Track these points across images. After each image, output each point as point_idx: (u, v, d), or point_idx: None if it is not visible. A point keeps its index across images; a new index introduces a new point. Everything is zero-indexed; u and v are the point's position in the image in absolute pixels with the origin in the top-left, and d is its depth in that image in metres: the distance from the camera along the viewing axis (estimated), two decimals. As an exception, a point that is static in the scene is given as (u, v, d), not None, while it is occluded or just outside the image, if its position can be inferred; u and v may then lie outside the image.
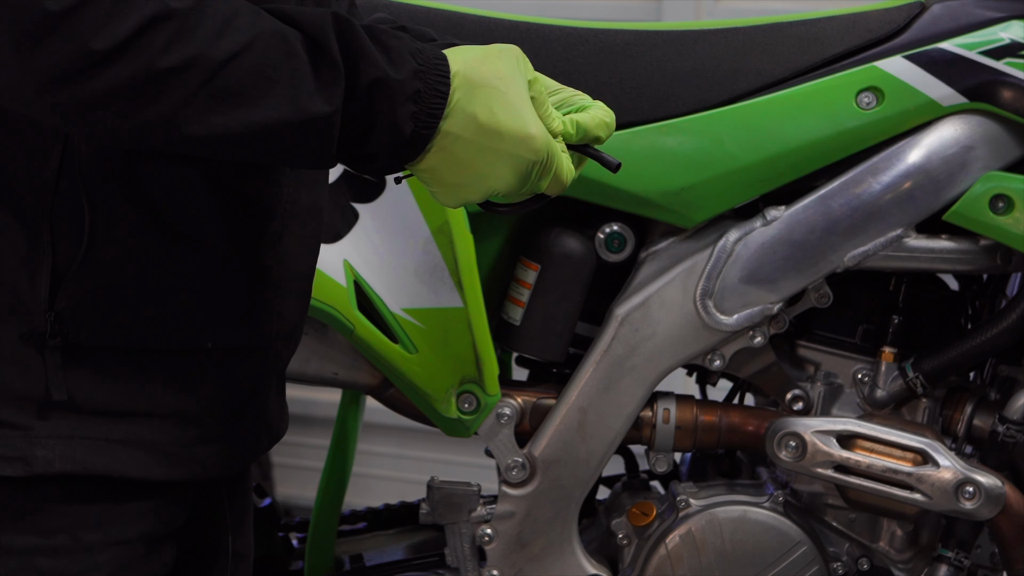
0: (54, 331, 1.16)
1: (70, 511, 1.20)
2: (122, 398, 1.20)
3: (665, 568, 1.73)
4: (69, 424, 1.18)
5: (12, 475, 1.17)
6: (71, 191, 1.15)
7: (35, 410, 1.17)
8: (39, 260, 1.16)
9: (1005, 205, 1.66)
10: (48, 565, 1.19)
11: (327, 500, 1.92)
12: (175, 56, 1.04)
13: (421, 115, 1.14)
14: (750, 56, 1.71)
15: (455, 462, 2.89)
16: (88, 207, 1.15)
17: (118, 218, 1.17)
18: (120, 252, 1.17)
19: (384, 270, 1.70)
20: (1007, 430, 1.69)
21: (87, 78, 1.03)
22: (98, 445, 1.19)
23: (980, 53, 1.66)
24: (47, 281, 1.16)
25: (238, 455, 1.31)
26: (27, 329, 1.16)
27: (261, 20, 1.09)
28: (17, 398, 1.17)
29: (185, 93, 1.05)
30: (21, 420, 1.17)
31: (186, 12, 1.05)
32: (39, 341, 1.16)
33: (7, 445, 1.17)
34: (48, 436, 1.18)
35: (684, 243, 1.73)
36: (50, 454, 1.18)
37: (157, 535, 1.26)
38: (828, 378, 1.77)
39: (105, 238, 1.16)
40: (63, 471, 1.18)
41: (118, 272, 1.18)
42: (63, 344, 1.17)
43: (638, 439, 1.76)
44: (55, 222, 1.15)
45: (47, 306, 1.16)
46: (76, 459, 1.19)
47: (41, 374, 1.17)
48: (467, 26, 1.72)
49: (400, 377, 1.70)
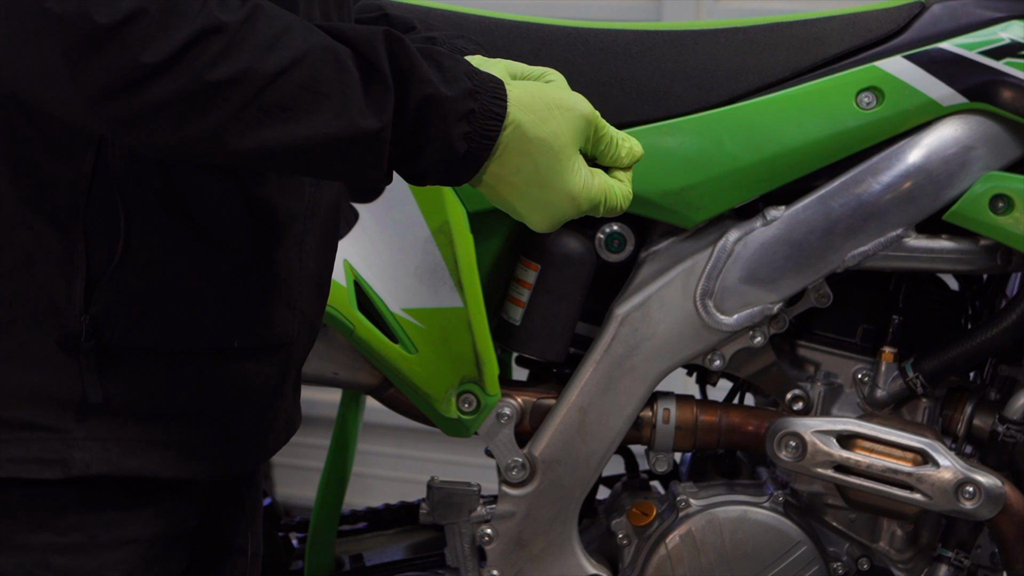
0: (89, 334, 1.17)
1: (86, 509, 1.21)
2: (154, 399, 1.21)
3: (665, 568, 1.74)
4: (105, 426, 1.19)
5: (51, 477, 1.18)
6: (105, 196, 1.16)
7: (72, 413, 1.18)
8: (74, 264, 1.16)
9: (1005, 205, 1.66)
10: (63, 563, 1.20)
11: (327, 500, 1.93)
12: (225, 69, 1.05)
13: (475, 135, 1.15)
14: (750, 56, 1.71)
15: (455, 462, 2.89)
16: (123, 211, 1.16)
17: (151, 222, 1.18)
18: (153, 255, 1.18)
19: (384, 270, 1.70)
20: (1007, 430, 1.69)
21: (137, 91, 1.04)
22: (132, 446, 1.21)
23: (980, 53, 1.66)
24: (82, 285, 1.17)
25: (261, 451, 1.33)
26: (62, 333, 1.17)
27: (312, 35, 1.10)
28: (54, 401, 1.18)
29: (235, 106, 1.06)
30: (58, 423, 1.18)
31: (237, 25, 1.05)
32: (74, 344, 1.17)
33: (45, 448, 1.18)
34: (85, 438, 1.19)
35: (684, 243, 1.73)
36: (87, 456, 1.19)
37: (172, 533, 1.27)
38: (828, 378, 1.77)
39: (139, 242, 1.17)
40: (100, 472, 1.19)
41: (151, 275, 1.19)
42: (97, 347, 1.18)
43: (638, 439, 1.76)
44: (89, 227, 1.16)
45: (82, 309, 1.17)
46: (112, 461, 1.20)
47: (77, 377, 1.18)
48: (467, 26, 1.72)
49: (400, 377, 1.70)
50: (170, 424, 1.22)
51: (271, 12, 1.08)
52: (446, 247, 1.69)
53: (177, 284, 1.20)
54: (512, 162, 1.18)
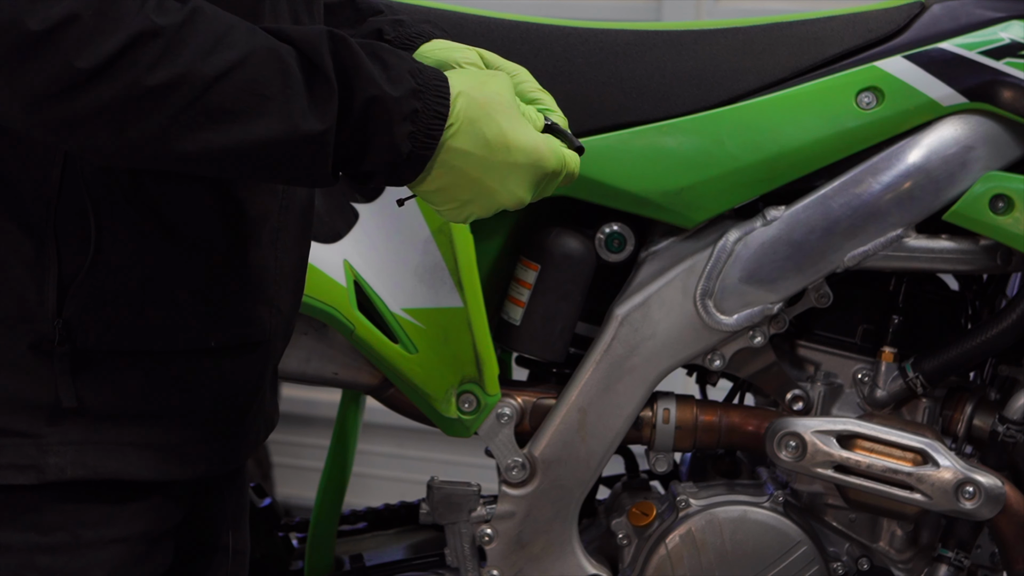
0: (62, 338, 1.17)
1: (70, 509, 1.20)
2: (131, 401, 1.21)
3: (665, 568, 1.74)
4: (79, 430, 1.19)
5: (25, 483, 1.17)
6: (75, 198, 1.16)
7: (45, 418, 1.18)
8: (45, 268, 1.16)
9: (1005, 205, 1.66)
10: (47, 562, 1.20)
11: (327, 500, 1.93)
12: (163, 73, 1.04)
13: (419, 135, 1.14)
14: (750, 56, 1.71)
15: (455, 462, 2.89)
16: (93, 214, 1.16)
17: (122, 223, 1.17)
18: (125, 257, 1.18)
19: (384, 270, 1.70)
20: (1007, 430, 1.69)
21: (73, 96, 1.03)
22: (109, 449, 1.20)
23: (980, 53, 1.66)
24: (54, 289, 1.16)
25: (242, 449, 1.33)
26: (35, 337, 1.16)
27: (254, 37, 1.09)
28: (27, 406, 1.17)
29: (174, 110, 1.05)
30: (32, 428, 1.18)
31: (175, 29, 1.05)
32: (47, 349, 1.17)
33: (19, 453, 1.17)
34: (59, 443, 1.18)
35: (684, 243, 1.73)
36: (62, 461, 1.18)
37: (156, 532, 1.26)
38: (828, 378, 1.77)
39: (110, 244, 1.17)
40: (76, 477, 1.19)
41: (123, 276, 1.18)
42: (71, 351, 1.17)
43: (638, 439, 1.76)
44: (60, 230, 1.16)
45: (55, 313, 1.16)
46: (88, 464, 1.19)
47: (50, 381, 1.17)
48: (468, 26, 1.72)
49: (400, 377, 1.70)
50: (148, 425, 1.22)
51: (212, 15, 1.07)
52: (446, 247, 1.69)
53: (151, 285, 1.19)
54: (471, 130, 1.16)
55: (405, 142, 1.14)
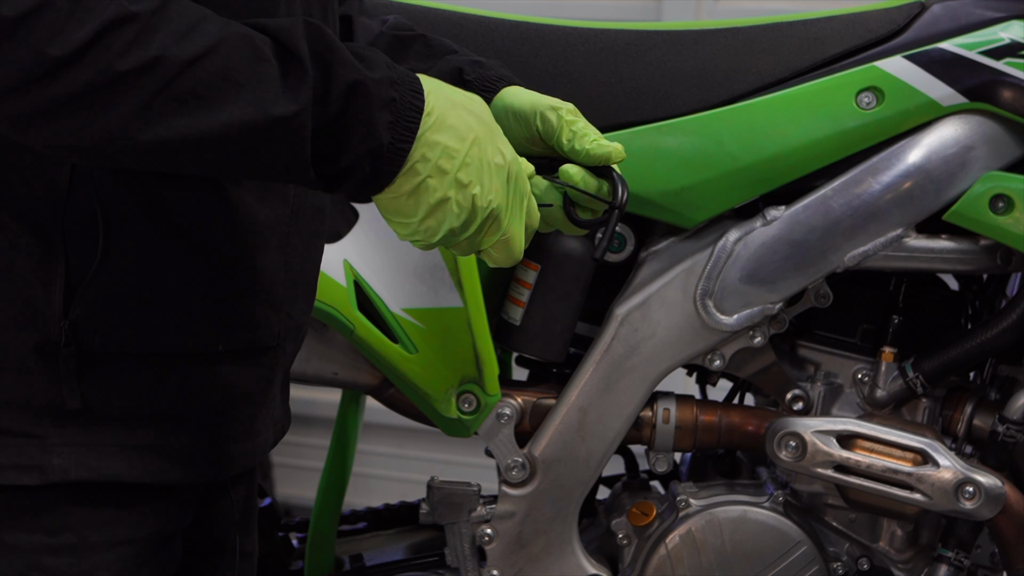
0: (68, 340, 1.16)
1: (77, 511, 1.20)
2: (136, 404, 1.20)
3: (665, 568, 1.74)
4: (83, 432, 1.19)
5: (29, 484, 1.17)
6: (83, 201, 1.15)
7: (50, 419, 1.18)
8: (53, 270, 1.16)
9: (1005, 205, 1.66)
10: (54, 564, 1.20)
11: (327, 500, 1.93)
12: (135, 58, 1.02)
13: (398, 126, 1.12)
14: (750, 56, 1.71)
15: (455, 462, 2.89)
16: (102, 216, 1.15)
17: (131, 226, 1.17)
18: (133, 259, 1.17)
19: (384, 270, 1.70)
20: (1007, 430, 1.69)
21: (45, 85, 1.01)
22: (112, 451, 1.20)
23: (980, 53, 1.66)
24: (61, 290, 1.16)
25: (249, 453, 1.32)
26: (42, 339, 1.16)
27: (229, 26, 1.07)
28: (32, 407, 1.17)
29: (146, 95, 1.03)
30: (36, 429, 1.17)
31: (148, 15, 1.03)
32: (53, 350, 1.16)
33: (22, 454, 1.17)
34: (63, 444, 1.18)
35: (684, 243, 1.73)
36: (65, 462, 1.18)
37: (164, 534, 1.26)
38: (828, 378, 1.77)
39: (119, 246, 1.17)
40: (79, 479, 1.18)
41: (131, 279, 1.18)
42: (77, 352, 1.17)
43: (638, 439, 1.76)
44: (68, 232, 1.15)
45: (61, 315, 1.16)
46: (91, 466, 1.19)
47: (55, 383, 1.17)
48: (468, 26, 1.72)
49: (400, 377, 1.70)
50: (153, 428, 1.22)
51: (186, 3, 1.06)
52: (446, 247, 1.69)
53: (158, 288, 1.19)
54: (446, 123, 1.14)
55: (385, 132, 1.11)
